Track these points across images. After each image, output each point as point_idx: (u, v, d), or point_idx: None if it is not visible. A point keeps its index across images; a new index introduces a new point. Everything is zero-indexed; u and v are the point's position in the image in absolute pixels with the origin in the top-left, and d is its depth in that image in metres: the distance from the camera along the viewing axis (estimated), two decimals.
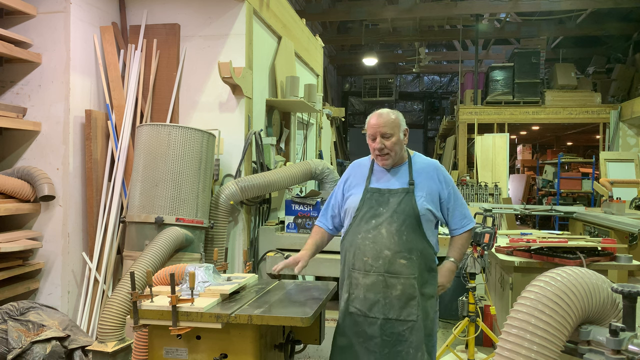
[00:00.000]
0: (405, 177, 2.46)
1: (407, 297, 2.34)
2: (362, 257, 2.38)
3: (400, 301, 2.34)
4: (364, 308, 2.37)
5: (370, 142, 2.47)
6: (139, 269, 2.96)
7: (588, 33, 11.91)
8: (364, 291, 2.37)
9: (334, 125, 9.81)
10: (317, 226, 2.71)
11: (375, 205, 2.42)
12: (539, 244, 3.77)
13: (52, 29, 3.69)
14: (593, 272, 1.69)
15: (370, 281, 2.36)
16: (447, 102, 16.76)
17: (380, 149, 2.41)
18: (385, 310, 2.34)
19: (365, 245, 2.38)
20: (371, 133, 2.43)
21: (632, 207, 6.46)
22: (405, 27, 12.05)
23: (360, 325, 2.38)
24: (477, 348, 3.82)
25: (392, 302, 2.34)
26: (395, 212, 2.38)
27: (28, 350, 2.85)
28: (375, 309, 2.35)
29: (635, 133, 10.04)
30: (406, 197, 2.40)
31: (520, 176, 14.02)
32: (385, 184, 2.47)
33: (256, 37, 4.20)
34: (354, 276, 2.41)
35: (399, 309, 2.34)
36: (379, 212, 2.40)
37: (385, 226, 2.37)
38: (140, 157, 3.48)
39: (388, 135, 2.40)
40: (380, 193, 2.44)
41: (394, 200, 2.40)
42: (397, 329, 2.33)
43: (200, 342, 2.17)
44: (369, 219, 2.41)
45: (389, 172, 2.50)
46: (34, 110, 3.71)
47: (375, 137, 2.41)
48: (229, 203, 3.72)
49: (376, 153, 2.44)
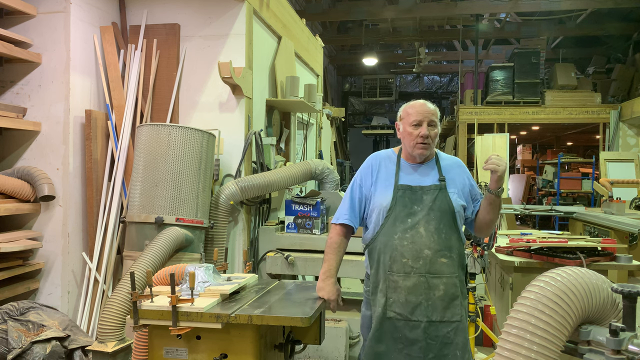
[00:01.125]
0: (435, 174, 2.36)
1: (450, 297, 2.25)
2: (401, 258, 2.26)
3: (444, 302, 2.24)
4: (405, 312, 2.25)
5: (410, 130, 2.32)
6: (139, 269, 2.96)
7: (588, 33, 11.90)
8: (405, 294, 2.25)
9: (334, 125, 9.81)
10: (340, 227, 2.44)
11: (409, 204, 2.30)
12: (539, 244, 3.77)
13: (52, 29, 3.68)
14: (593, 272, 1.69)
15: (412, 283, 2.24)
16: (447, 102, 16.74)
17: (426, 136, 2.29)
18: (428, 313, 2.23)
19: (403, 246, 2.26)
20: (418, 119, 2.30)
21: (632, 207, 6.46)
22: (405, 27, 12.04)
23: (400, 330, 2.26)
24: (477, 348, 3.82)
25: (435, 304, 2.24)
26: (432, 210, 2.28)
27: (28, 350, 2.85)
28: (418, 312, 2.24)
29: (635, 133, 10.04)
30: (440, 194, 2.31)
31: (520, 176, 14.02)
32: (415, 180, 2.35)
33: (256, 37, 4.20)
34: (392, 279, 2.28)
35: (443, 310, 2.24)
36: (414, 211, 2.29)
37: (423, 224, 2.26)
38: (140, 157, 3.48)
39: (434, 124, 2.32)
40: (413, 190, 2.32)
41: (428, 198, 2.30)
42: (441, 332, 2.23)
43: (200, 342, 2.17)
44: (404, 218, 2.29)
45: (418, 169, 2.38)
46: (34, 110, 3.70)
47: (422, 123, 2.29)
48: (229, 203, 3.72)
49: (418, 141, 2.30)
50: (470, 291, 3.51)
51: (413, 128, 2.31)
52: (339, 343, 3.60)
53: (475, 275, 3.51)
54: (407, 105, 2.39)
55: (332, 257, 2.41)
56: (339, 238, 2.44)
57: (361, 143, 16.64)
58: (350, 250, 3.29)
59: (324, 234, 3.94)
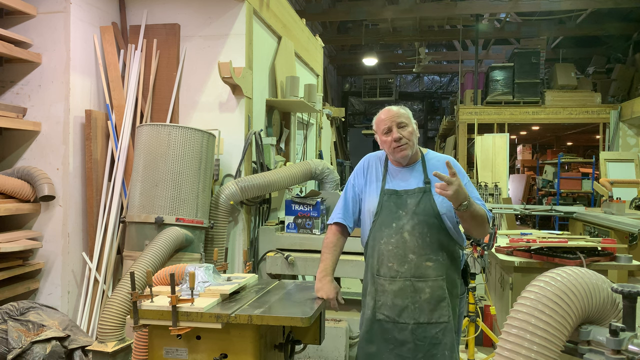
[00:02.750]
0: (420, 176, 2.36)
1: (436, 299, 2.27)
2: (387, 263, 2.30)
3: (430, 304, 2.26)
4: (392, 314, 2.29)
5: (384, 138, 2.35)
6: (139, 269, 2.96)
7: (588, 33, 11.91)
8: (392, 297, 2.29)
9: (334, 125, 9.81)
10: (335, 226, 2.49)
11: (394, 208, 2.33)
12: (539, 244, 3.77)
13: (52, 29, 3.69)
14: (593, 272, 1.69)
15: (398, 287, 2.28)
16: (447, 102, 16.75)
17: (399, 138, 2.30)
18: (415, 315, 2.26)
19: (389, 251, 2.30)
20: (385, 126, 2.33)
21: (632, 207, 6.46)
22: (405, 27, 12.05)
23: (389, 332, 2.30)
24: (477, 348, 3.82)
25: (422, 306, 2.26)
26: (415, 214, 2.29)
27: (28, 350, 2.85)
28: (405, 315, 2.27)
29: (635, 133, 10.04)
30: (424, 197, 2.30)
31: (520, 176, 14.02)
32: (401, 184, 2.37)
33: (256, 37, 4.20)
34: (379, 283, 2.32)
35: (430, 312, 2.26)
36: (399, 215, 2.31)
37: (408, 229, 2.28)
38: (140, 157, 3.48)
39: (404, 125, 2.32)
40: (398, 195, 2.34)
41: (412, 202, 2.31)
42: (429, 333, 2.26)
43: (200, 342, 2.17)
44: (390, 223, 2.32)
45: (403, 172, 2.40)
46: (34, 110, 3.71)
47: (391, 128, 2.31)
48: (229, 203, 3.72)
49: (394, 146, 2.31)
50: (470, 291, 3.52)
51: (385, 136, 2.35)
52: (339, 343, 3.60)
53: (475, 275, 3.51)
54: (376, 116, 2.44)
55: (327, 256, 2.45)
56: (334, 237, 2.49)
57: (361, 143, 16.65)
58: (351, 250, 3.30)
59: (324, 234, 3.93)
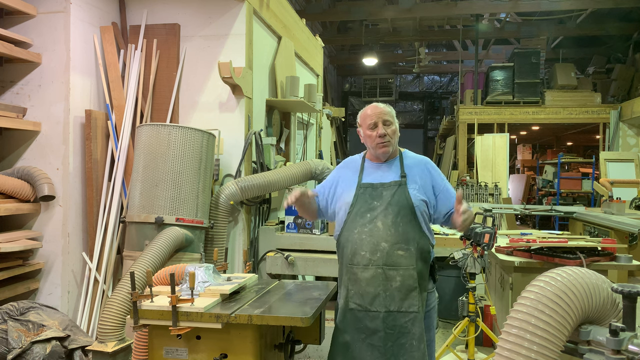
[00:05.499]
0: (397, 171, 2.47)
1: (407, 288, 2.33)
2: (360, 251, 2.37)
3: (401, 293, 2.33)
4: (364, 303, 2.35)
5: (368, 133, 2.45)
6: (139, 269, 2.96)
7: (588, 33, 11.91)
8: (364, 285, 2.35)
9: (334, 125, 9.80)
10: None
11: (369, 200, 2.42)
12: (539, 244, 3.77)
13: (52, 29, 3.69)
14: (593, 272, 1.69)
15: (370, 275, 2.35)
16: (447, 102, 16.75)
17: (383, 135, 2.41)
18: (386, 303, 2.33)
19: (362, 240, 2.37)
20: (372, 122, 2.43)
21: (632, 207, 6.46)
22: (405, 27, 12.05)
23: (361, 320, 2.36)
24: (477, 348, 3.82)
25: (392, 294, 2.33)
26: (390, 205, 2.38)
27: (28, 350, 2.85)
28: (377, 303, 2.34)
29: (635, 133, 10.04)
30: (399, 189, 2.40)
31: (520, 176, 14.02)
32: (377, 178, 2.46)
33: (256, 37, 4.20)
34: (352, 271, 2.39)
35: (400, 301, 2.33)
36: (374, 206, 2.40)
37: (381, 219, 2.37)
38: (140, 157, 3.48)
39: (389, 123, 2.43)
40: (374, 187, 2.44)
41: (387, 193, 2.40)
42: (399, 321, 2.32)
43: (200, 342, 2.17)
44: (364, 213, 2.40)
45: (381, 167, 2.50)
46: (34, 110, 3.71)
47: (377, 124, 2.42)
48: (229, 203, 3.72)
49: (377, 141, 2.43)
50: (471, 291, 3.52)
51: (371, 130, 2.45)
52: None
53: (475, 275, 3.51)
54: (362, 111, 2.53)
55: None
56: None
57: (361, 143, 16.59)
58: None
59: (324, 233, 3.95)
